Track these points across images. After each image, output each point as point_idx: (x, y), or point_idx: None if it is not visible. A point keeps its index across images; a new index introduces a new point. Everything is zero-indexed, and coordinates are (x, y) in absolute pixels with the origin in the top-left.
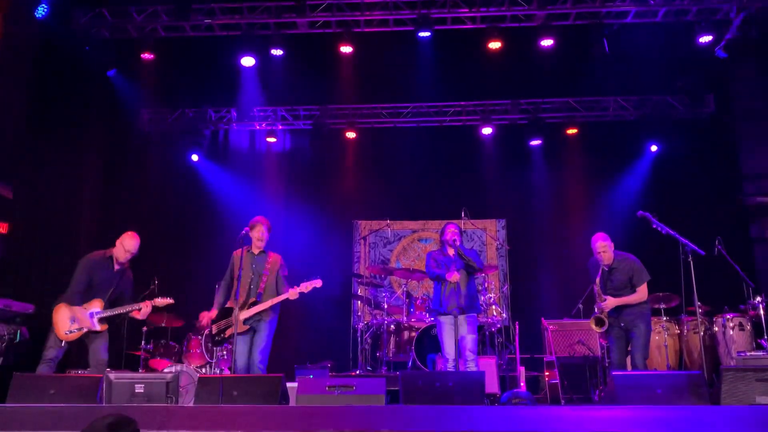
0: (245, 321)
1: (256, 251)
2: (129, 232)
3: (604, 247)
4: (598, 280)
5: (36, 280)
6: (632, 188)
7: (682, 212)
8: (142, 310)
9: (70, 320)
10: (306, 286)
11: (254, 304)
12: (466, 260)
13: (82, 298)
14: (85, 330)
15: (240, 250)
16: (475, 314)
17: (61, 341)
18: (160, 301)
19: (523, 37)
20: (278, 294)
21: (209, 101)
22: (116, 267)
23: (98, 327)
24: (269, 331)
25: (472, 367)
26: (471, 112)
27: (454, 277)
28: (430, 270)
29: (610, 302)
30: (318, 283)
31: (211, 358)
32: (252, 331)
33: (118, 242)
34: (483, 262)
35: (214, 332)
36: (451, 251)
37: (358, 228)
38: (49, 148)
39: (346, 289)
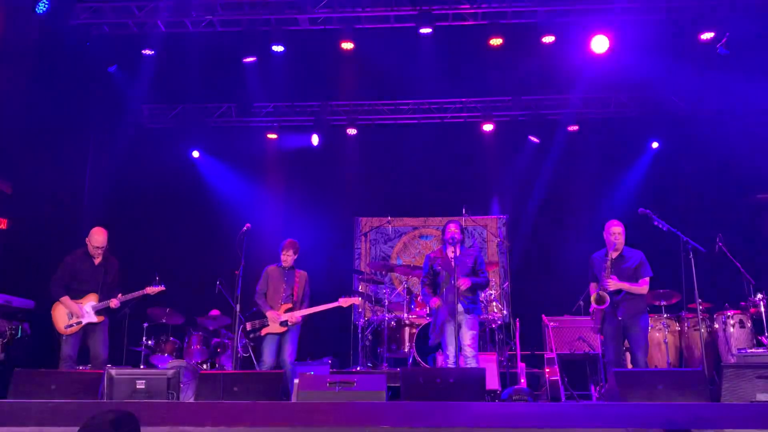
0: (282, 323)
1: (285, 267)
2: (95, 228)
3: (620, 230)
4: (609, 261)
5: (36, 276)
6: (633, 185)
7: (683, 209)
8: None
9: (68, 315)
10: (346, 301)
11: (290, 309)
12: (475, 285)
13: (67, 292)
14: (84, 322)
15: (273, 266)
16: (475, 315)
17: (63, 336)
18: (151, 290)
19: (524, 33)
20: (302, 306)
21: (210, 97)
22: (96, 261)
23: (95, 318)
24: (297, 334)
25: (471, 363)
26: (472, 109)
27: (436, 303)
28: (422, 279)
29: (615, 283)
30: (357, 300)
31: (245, 352)
32: (283, 333)
33: (87, 239)
34: (486, 272)
35: (248, 329)
36: (450, 252)
37: (358, 224)
38: (49, 143)
39: (347, 286)
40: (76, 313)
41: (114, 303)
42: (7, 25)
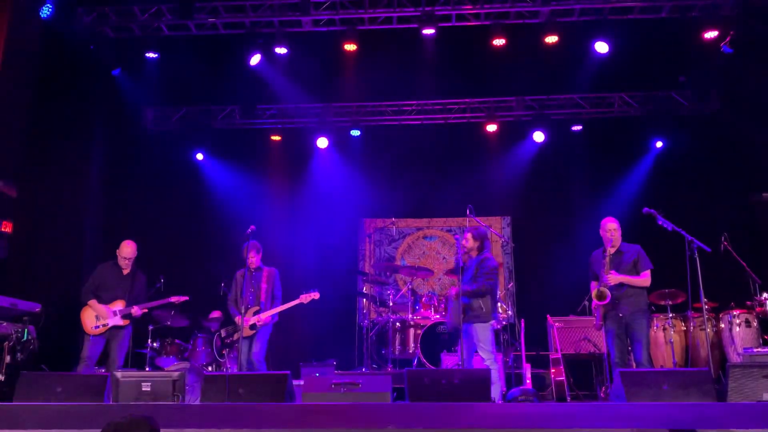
0: (251, 326)
1: (252, 268)
2: (124, 241)
3: (614, 227)
4: (607, 256)
5: (41, 279)
6: (637, 185)
7: (687, 208)
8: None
9: (95, 318)
10: (306, 297)
11: (257, 312)
12: (462, 293)
13: (95, 297)
14: (109, 325)
15: (241, 270)
16: (474, 323)
17: (89, 336)
18: (176, 299)
19: (527, 33)
20: (274, 305)
21: (213, 99)
22: (125, 271)
23: (121, 321)
24: (266, 333)
25: (489, 366)
26: (476, 109)
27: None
28: None
29: (614, 277)
30: (316, 295)
31: (221, 358)
32: (253, 334)
33: (117, 250)
34: (482, 278)
35: (223, 335)
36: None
37: (363, 226)
38: (54, 146)
39: (352, 287)
40: (103, 315)
41: (135, 310)
42: (11, 29)
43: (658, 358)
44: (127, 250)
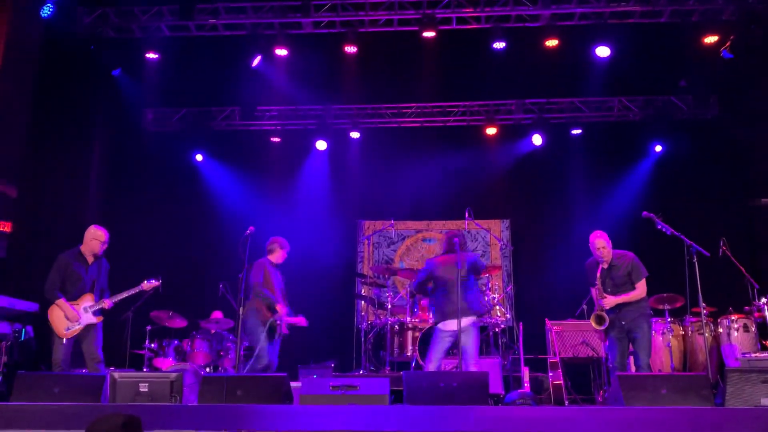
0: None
1: (277, 264)
2: (92, 226)
3: (603, 244)
4: (598, 278)
5: (40, 279)
6: (636, 189)
7: (686, 213)
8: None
9: (66, 318)
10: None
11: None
12: None
13: (63, 293)
14: (83, 324)
15: (268, 263)
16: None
17: (63, 339)
18: (147, 285)
19: (527, 37)
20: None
21: (213, 101)
22: (90, 260)
23: (94, 319)
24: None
25: None
26: (475, 112)
27: None
28: None
29: (610, 300)
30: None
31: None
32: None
33: (85, 238)
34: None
35: (281, 327)
36: None
37: (361, 228)
38: (54, 147)
39: (350, 289)
40: (72, 317)
41: (107, 304)
42: (12, 28)
43: (656, 362)
44: (100, 232)
